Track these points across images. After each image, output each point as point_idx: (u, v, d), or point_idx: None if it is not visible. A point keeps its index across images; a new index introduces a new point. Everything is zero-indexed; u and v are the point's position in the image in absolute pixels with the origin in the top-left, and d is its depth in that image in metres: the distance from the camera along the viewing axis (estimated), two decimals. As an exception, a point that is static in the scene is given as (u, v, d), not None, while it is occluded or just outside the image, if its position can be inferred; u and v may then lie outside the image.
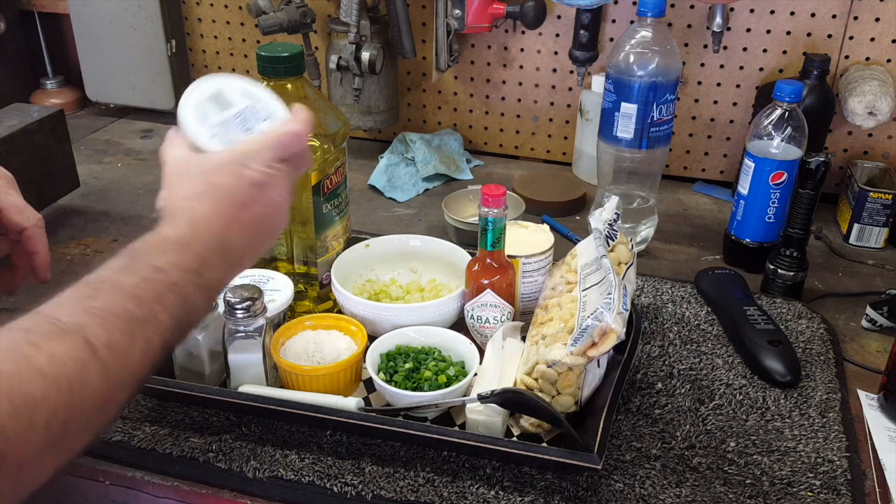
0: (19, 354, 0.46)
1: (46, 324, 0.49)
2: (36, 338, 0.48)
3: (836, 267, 1.15)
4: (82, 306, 0.52)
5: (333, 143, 0.96)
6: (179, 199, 0.63)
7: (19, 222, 0.76)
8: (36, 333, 0.48)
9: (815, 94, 1.16)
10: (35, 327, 0.49)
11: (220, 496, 0.75)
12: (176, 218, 0.62)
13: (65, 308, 0.51)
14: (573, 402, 0.79)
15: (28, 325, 0.49)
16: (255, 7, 1.29)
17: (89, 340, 0.50)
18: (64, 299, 0.52)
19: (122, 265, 0.56)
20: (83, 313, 0.51)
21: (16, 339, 0.47)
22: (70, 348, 0.48)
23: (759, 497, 0.74)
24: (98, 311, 0.52)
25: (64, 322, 0.50)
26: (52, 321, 0.49)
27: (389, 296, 0.98)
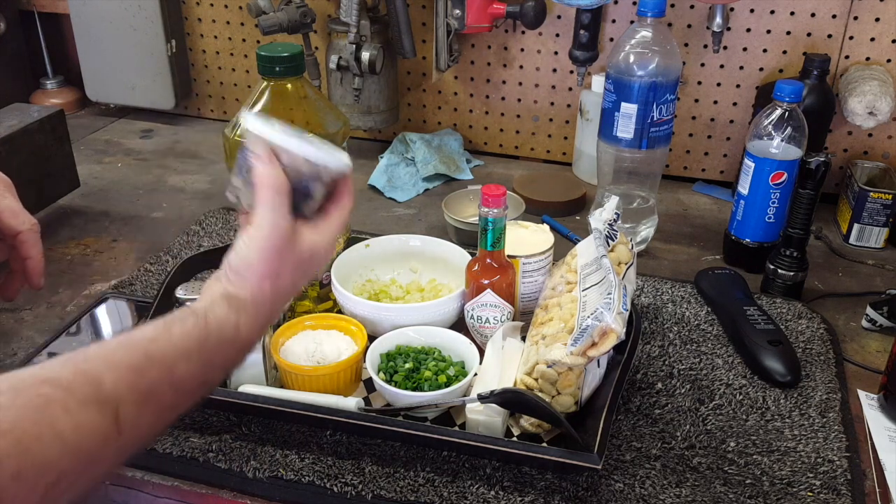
0: (46, 415, 0.45)
1: (87, 386, 0.48)
2: (70, 402, 0.47)
3: (836, 267, 1.15)
4: (129, 380, 0.50)
5: (333, 143, 0.96)
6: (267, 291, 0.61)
7: (14, 226, 0.76)
8: (73, 396, 0.47)
9: (815, 94, 1.16)
10: (74, 387, 0.47)
11: (220, 496, 0.75)
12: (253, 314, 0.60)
13: (112, 372, 0.50)
14: (573, 402, 0.79)
15: (70, 381, 0.48)
16: (255, 7, 1.29)
17: (119, 418, 0.49)
18: (116, 357, 0.51)
19: (184, 347, 0.55)
20: (126, 387, 0.50)
21: (50, 398, 0.46)
22: (99, 422, 0.48)
23: (759, 497, 0.74)
24: (141, 390, 0.51)
25: (104, 390, 0.49)
26: (94, 385, 0.48)
27: (389, 296, 0.98)
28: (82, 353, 0.50)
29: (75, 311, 1.01)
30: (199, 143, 1.56)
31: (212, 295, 0.60)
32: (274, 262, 0.61)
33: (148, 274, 1.08)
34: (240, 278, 0.60)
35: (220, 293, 0.60)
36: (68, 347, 0.92)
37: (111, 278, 1.09)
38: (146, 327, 0.55)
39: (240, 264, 0.61)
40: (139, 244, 1.18)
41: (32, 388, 0.46)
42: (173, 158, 1.49)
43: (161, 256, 1.12)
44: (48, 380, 0.47)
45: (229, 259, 0.61)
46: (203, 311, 0.58)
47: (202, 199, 1.33)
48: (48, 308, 1.02)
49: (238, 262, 0.61)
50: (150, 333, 0.54)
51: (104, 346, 0.52)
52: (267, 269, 0.61)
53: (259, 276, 0.61)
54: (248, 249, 0.61)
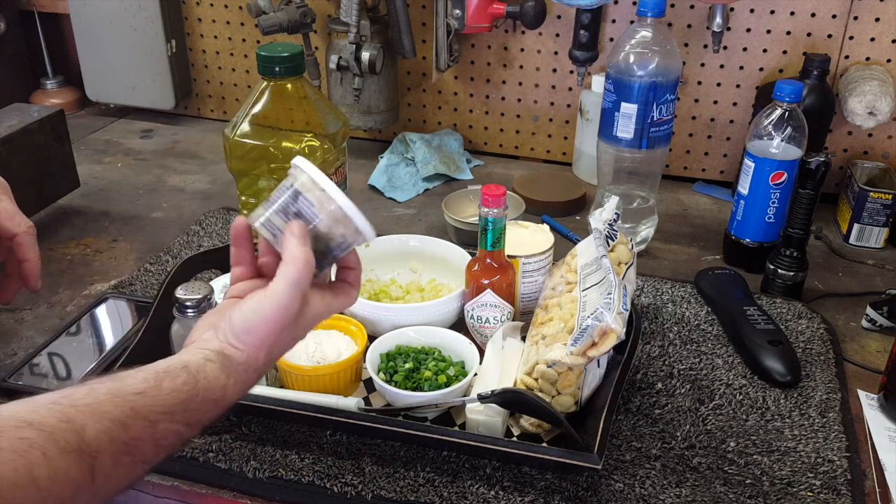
0: (26, 460, 0.46)
1: (70, 434, 0.48)
2: (51, 448, 0.47)
3: (836, 267, 1.15)
4: (111, 431, 0.51)
5: (333, 143, 0.96)
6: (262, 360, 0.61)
7: (10, 229, 0.76)
8: (54, 443, 0.47)
9: (815, 94, 1.16)
10: (57, 435, 0.48)
11: (220, 496, 0.75)
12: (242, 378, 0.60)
13: (97, 423, 0.50)
14: (573, 402, 0.79)
15: (53, 428, 0.48)
16: (255, 7, 1.29)
17: (95, 469, 0.49)
18: (102, 408, 0.51)
19: (170, 404, 0.55)
20: (107, 438, 0.50)
21: (31, 442, 0.47)
22: (75, 471, 0.48)
23: (759, 497, 0.74)
24: (120, 443, 0.51)
25: (85, 440, 0.49)
26: (76, 434, 0.49)
27: (389, 296, 0.98)
28: (70, 398, 0.50)
29: (75, 311, 1.01)
30: (199, 143, 1.56)
31: (206, 350, 0.59)
32: (276, 335, 0.61)
33: (148, 274, 1.08)
34: (239, 342, 0.60)
35: (215, 350, 0.59)
36: (68, 347, 0.92)
37: (111, 278, 1.09)
38: (138, 375, 0.55)
39: (242, 329, 0.60)
40: (139, 244, 1.18)
41: (16, 430, 0.47)
42: (173, 158, 1.49)
43: (161, 256, 1.12)
44: (32, 424, 0.48)
45: (233, 318, 0.61)
46: (196, 369, 0.57)
47: (202, 199, 1.33)
48: (48, 308, 1.02)
49: (241, 326, 0.60)
50: (139, 386, 0.54)
51: (93, 392, 0.52)
52: (267, 340, 0.61)
53: (258, 346, 0.61)
54: (255, 316, 0.60)
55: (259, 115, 0.93)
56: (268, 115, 0.93)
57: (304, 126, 0.94)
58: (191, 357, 0.58)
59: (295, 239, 0.61)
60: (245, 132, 0.93)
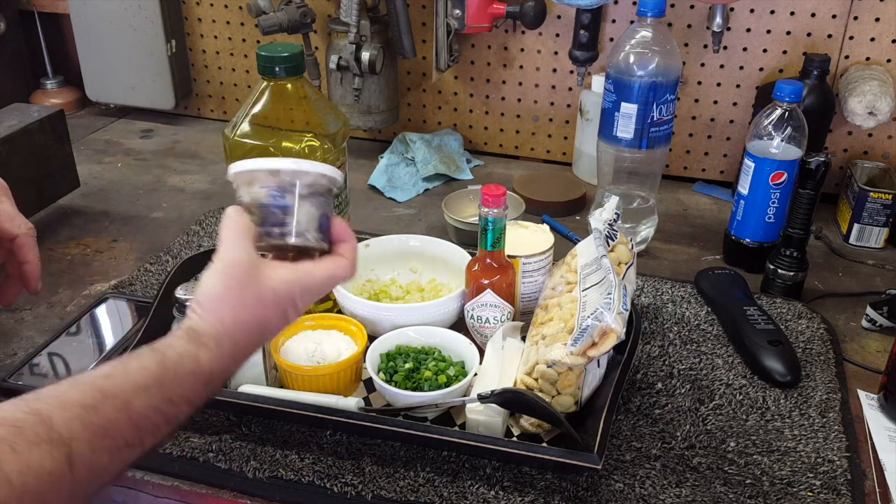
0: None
1: (38, 426, 0.47)
2: (19, 441, 0.46)
3: (836, 267, 1.15)
4: (82, 417, 0.49)
5: (333, 143, 0.96)
6: (228, 323, 0.61)
7: (10, 230, 0.76)
8: (22, 436, 0.46)
9: (815, 94, 1.16)
10: (25, 427, 0.47)
11: (220, 496, 0.75)
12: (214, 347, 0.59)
13: (65, 411, 0.49)
14: (573, 402, 0.79)
15: (20, 420, 0.47)
16: (255, 7, 1.29)
17: (72, 457, 0.48)
18: (69, 398, 0.50)
19: (142, 382, 0.54)
20: (80, 424, 0.49)
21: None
22: (49, 461, 0.46)
23: (759, 497, 0.74)
24: (95, 427, 0.50)
25: (55, 429, 0.48)
26: (44, 424, 0.47)
27: (389, 296, 0.98)
28: (34, 394, 0.50)
29: (75, 311, 1.01)
30: (199, 143, 1.56)
31: (175, 332, 0.60)
32: (233, 293, 0.61)
33: (148, 274, 1.08)
34: (202, 310, 0.60)
35: (183, 328, 0.60)
36: (68, 347, 0.92)
37: (111, 278, 1.09)
38: (103, 366, 0.55)
39: (201, 297, 0.61)
40: (139, 244, 1.18)
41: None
42: (173, 158, 1.49)
43: (161, 256, 1.12)
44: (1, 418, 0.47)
45: (201, 288, 0.61)
46: (161, 346, 0.57)
47: (202, 199, 1.33)
48: (48, 308, 1.02)
49: (201, 296, 0.61)
50: (105, 370, 0.54)
51: (58, 386, 0.51)
52: (226, 301, 0.61)
53: (217, 309, 0.60)
54: (207, 283, 0.61)
55: (259, 115, 0.93)
56: (268, 115, 0.93)
57: (304, 126, 0.94)
58: (158, 341, 0.58)
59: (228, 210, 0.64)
60: (245, 132, 0.93)
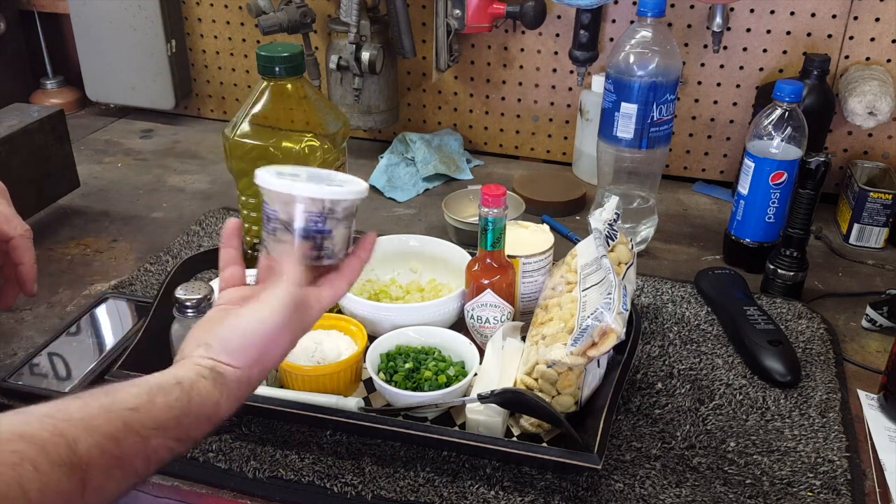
0: (16, 473, 0.46)
1: (62, 448, 0.49)
2: (42, 461, 0.47)
3: (836, 267, 1.15)
4: (103, 446, 0.51)
5: (333, 143, 0.96)
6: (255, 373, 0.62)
7: (6, 232, 0.76)
8: (46, 457, 0.48)
9: (815, 94, 1.16)
10: (49, 448, 0.48)
11: (220, 496, 0.75)
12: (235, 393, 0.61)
13: (89, 437, 0.50)
14: (573, 402, 0.79)
15: (45, 441, 0.48)
16: (255, 7, 1.29)
17: (86, 482, 0.50)
18: (95, 423, 0.51)
19: (164, 419, 0.55)
20: (99, 452, 0.51)
21: (23, 455, 0.47)
22: (66, 484, 0.48)
23: (759, 497, 0.74)
24: (112, 458, 0.51)
25: (78, 454, 0.49)
26: (69, 448, 0.49)
27: (389, 296, 0.98)
28: (63, 412, 0.51)
29: (75, 311, 1.01)
30: (199, 143, 1.56)
31: (199, 367, 0.59)
32: (268, 348, 0.62)
33: (148, 274, 1.08)
34: (232, 359, 0.60)
35: (208, 367, 0.59)
36: (68, 347, 0.92)
37: (111, 278, 1.09)
38: (131, 390, 0.55)
39: (236, 347, 0.61)
40: (139, 244, 1.18)
41: (8, 443, 0.47)
42: (173, 158, 1.49)
43: (161, 256, 1.12)
44: (25, 436, 0.48)
45: (226, 334, 0.61)
46: (189, 386, 0.57)
47: (202, 199, 1.33)
48: (48, 308, 1.02)
49: (235, 345, 0.61)
50: (133, 401, 0.54)
51: (86, 407, 0.52)
52: (262, 359, 0.62)
53: (251, 364, 0.61)
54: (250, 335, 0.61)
55: (259, 115, 0.93)
56: (268, 115, 0.93)
57: (304, 126, 0.94)
58: (185, 373, 0.58)
59: (289, 257, 0.64)
60: (245, 132, 0.93)
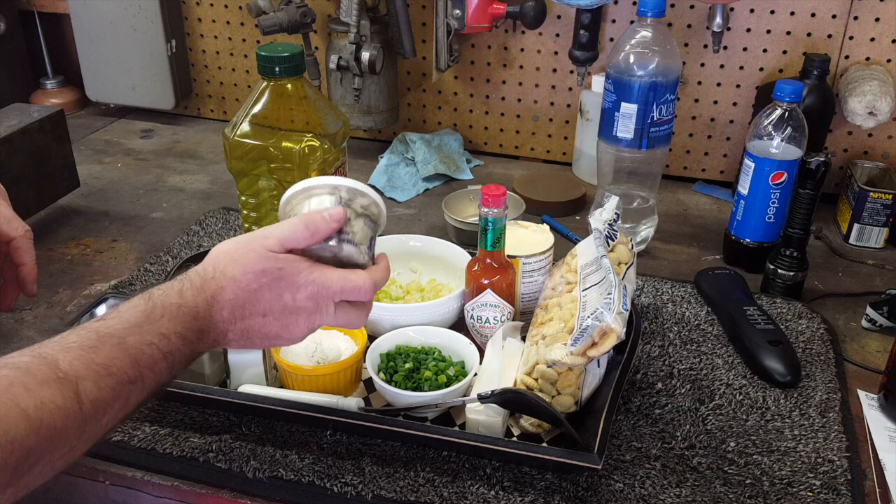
0: (11, 395, 0.48)
1: (45, 367, 0.51)
2: (31, 381, 0.49)
3: (836, 267, 1.15)
4: (84, 357, 0.53)
5: (333, 143, 0.96)
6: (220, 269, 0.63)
7: (7, 233, 0.76)
8: (32, 376, 0.50)
9: (815, 94, 1.16)
10: (33, 369, 0.50)
11: (220, 496, 0.75)
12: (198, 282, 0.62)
13: (68, 353, 0.53)
14: (573, 402, 0.79)
15: (28, 363, 0.50)
16: (255, 7, 1.29)
17: (79, 394, 0.51)
18: (70, 342, 0.54)
19: (134, 320, 0.57)
20: (82, 365, 0.52)
21: (11, 379, 0.49)
22: (60, 398, 0.50)
23: (759, 497, 0.74)
24: (97, 366, 0.53)
25: (62, 370, 0.51)
26: (51, 366, 0.51)
27: (389, 296, 0.98)
28: (39, 343, 0.53)
29: (75, 311, 1.01)
30: (199, 143, 1.56)
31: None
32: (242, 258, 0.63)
33: (148, 274, 1.08)
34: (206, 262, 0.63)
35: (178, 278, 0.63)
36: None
37: (111, 278, 1.09)
38: (101, 315, 0.59)
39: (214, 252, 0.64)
40: (139, 244, 1.18)
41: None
42: (173, 158, 1.49)
43: (161, 256, 1.12)
44: (7, 364, 0.50)
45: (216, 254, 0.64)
46: (151, 290, 0.61)
47: (202, 199, 1.33)
48: (48, 308, 1.02)
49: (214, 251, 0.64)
50: (102, 317, 0.58)
51: (60, 335, 0.55)
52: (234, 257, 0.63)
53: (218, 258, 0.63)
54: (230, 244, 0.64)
55: (259, 115, 0.93)
56: (268, 115, 0.93)
57: (304, 126, 0.94)
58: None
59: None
60: (245, 132, 0.93)
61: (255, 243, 0.63)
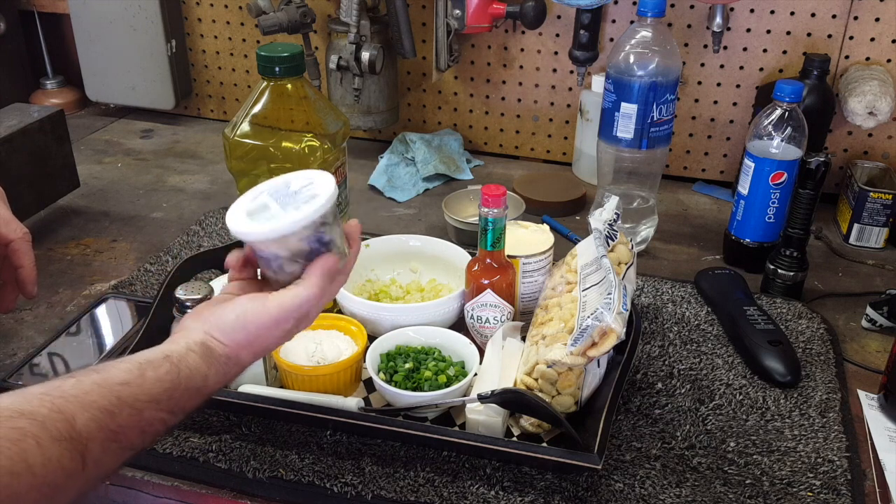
0: (20, 448, 0.47)
1: (61, 424, 0.50)
2: (44, 436, 0.49)
3: (836, 267, 1.15)
4: (100, 420, 0.52)
5: (333, 143, 0.96)
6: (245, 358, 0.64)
7: (5, 235, 0.76)
8: (47, 431, 0.49)
9: (815, 94, 1.16)
10: (49, 424, 0.49)
11: (220, 496, 0.75)
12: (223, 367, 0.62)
13: (85, 412, 0.52)
14: (573, 402, 0.79)
15: (45, 417, 0.50)
16: (255, 7, 1.29)
17: (86, 456, 0.51)
18: (90, 399, 0.53)
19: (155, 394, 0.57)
20: (97, 427, 0.52)
21: (25, 431, 0.48)
22: (67, 459, 0.50)
23: (759, 497, 0.74)
24: (109, 432, 0.53)
25: (76, 429, 0.51)
26: (67, 423, 0.50)
27: (389, 296, 0.98)
28: (59, 390, 0.52)
29: (75, 311, 1.01)
30: (199, 143, 1.56)
31: (188, 340, 0.61)
32: (263, 334, 0.64)
33: (148, 274, 1.08)
34: (225, 337, 0.63)
35: (198, 341, 0.61)
36: (68, 347, 0.92)
37: (111, 278, 1.09)
38: (121, 366, 0.57)
39: (230, 325, 0.63)
40: (139, 244, 1.18)
41: (10, 420, 0.48)
42: (173, 158, 1.49)
43: (161, 256, 1.12)
44: (25, 413, 0.49)
45: (226, 315, 0.63)
46: (178, 359, 0.59)
47: (202, 199, 1.33)
48: (48, 308, 1.02)
49: (229, 322, 0.63)
50: (123, 376, 0.56)
51: (80, 384, 0.54)
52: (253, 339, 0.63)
53: (242, 344, 0.63)
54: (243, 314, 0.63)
55: (259, 115, 0.93)
56: (268, 115, 0.93)
57: (304, 126, 0.94)
58: (174, 347, 0.60)
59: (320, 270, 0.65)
60: (245, 132, 0.93)
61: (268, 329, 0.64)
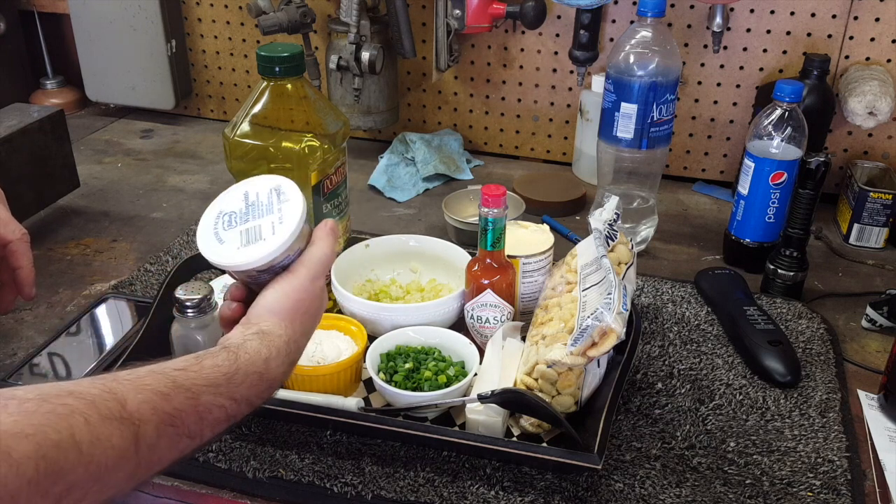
0: (68, 424, 0.46)
1: (112, 403, 0.49)
2: (93, 414, 0.48)
3: (836, 267, 1.15)
4: (153, 402, 0.52)
5: (333, 143, 0.96)
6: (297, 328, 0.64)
7: (3, 236, 0.76)
8: (96, 409, 0.48)
9: (815, 94, 1.16)
10: (99, 402, 0.49)
11: (220, 496, 0.75)
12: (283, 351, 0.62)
13: (139, 394, 0.51)
14: (573, 402, 0.79)
15: (95, 396, 0.49)
16: (255, 7, 1.29)
17: (139, 437, 0.50)
18: (144, 383, 0.52)
19: (213, 379, 0.56)
20: (150, 409, 0.51)
21: (73, 408, 0.47)
22: (118, 438, 0.48)
23: (759, 497, 0.74)
24: (163, 414, 0.52)
25: (127, 409, 0.50)
26: (118, 403, 0.49)
27: (389, 296, 0.98)
28: (112, 375, 0.52)
29: (75, 311, 1.01)
30: (199, 143, 1.56)
31: (245, 332, 0.61)
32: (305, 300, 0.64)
33: (148, 274, 1.08)
34: (274, 316, 0.63)
35: (253, 331, 0.61)
36: (68, 347, 0.92)
37: (111, 278, 1.09)
38: (178, 360, 0.57)
39: (276, 304, 0.64)
40: (139, 244, 1.18)
41: (58, 398, 0.47)
42: (173, 158, 1.49)
43: (161, 256, 1.12)
44: (74, 392, 0.48)
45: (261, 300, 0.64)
46: (236, 346, 0.59)
47: (202, 199, 1.33)
48: (48, 308, 1.02)
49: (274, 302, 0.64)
50: (180, 364, 0.56)
51: (135, 371, 0.53)
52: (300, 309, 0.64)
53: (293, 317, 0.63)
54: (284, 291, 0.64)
55: (259, 115, 0.93)
56: (268, 115, 0.93)
57: (304, 126, 0.94)
58: (231, 338, 0.61)
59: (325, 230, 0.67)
60: (245, 132, 0.93)
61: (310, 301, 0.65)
